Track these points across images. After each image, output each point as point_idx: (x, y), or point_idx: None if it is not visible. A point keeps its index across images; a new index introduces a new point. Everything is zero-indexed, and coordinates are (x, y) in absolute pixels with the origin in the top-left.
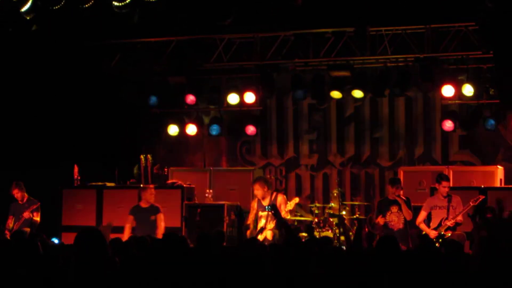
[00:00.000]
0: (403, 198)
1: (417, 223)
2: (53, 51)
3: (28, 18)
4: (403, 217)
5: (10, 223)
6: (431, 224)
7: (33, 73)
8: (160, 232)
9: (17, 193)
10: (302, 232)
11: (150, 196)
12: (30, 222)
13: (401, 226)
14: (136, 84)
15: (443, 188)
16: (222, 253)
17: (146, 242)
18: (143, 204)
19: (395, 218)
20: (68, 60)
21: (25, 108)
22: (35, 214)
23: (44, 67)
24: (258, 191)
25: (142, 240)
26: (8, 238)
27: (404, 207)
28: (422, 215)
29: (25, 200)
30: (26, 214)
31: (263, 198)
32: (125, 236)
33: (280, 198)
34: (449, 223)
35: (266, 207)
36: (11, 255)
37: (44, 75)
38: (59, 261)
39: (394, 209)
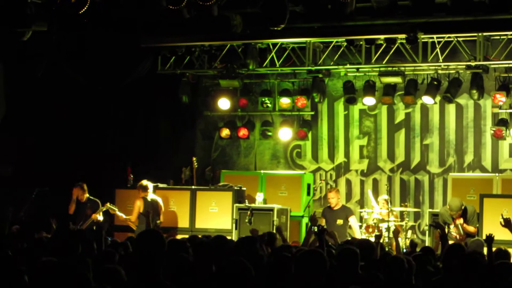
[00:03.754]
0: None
1: None
2: (109, 53)
3: (85, 20)
4: None
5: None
6: None
7: (87, 75)
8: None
9: (78, 193)
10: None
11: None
12: (94, 222)
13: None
14: (190, 87)
15: None
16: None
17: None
18: (333, 206)
19: (458, 231)
20: (124, 62)
21: (83, 110)
22: (99, 214)
23: (100, 69)
24: None
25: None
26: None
27: (462, 233)
28: None
29: (84, 199)
30: (94, 216)
31: None
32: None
33: None
34: None
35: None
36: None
37: (99, 77)
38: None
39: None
